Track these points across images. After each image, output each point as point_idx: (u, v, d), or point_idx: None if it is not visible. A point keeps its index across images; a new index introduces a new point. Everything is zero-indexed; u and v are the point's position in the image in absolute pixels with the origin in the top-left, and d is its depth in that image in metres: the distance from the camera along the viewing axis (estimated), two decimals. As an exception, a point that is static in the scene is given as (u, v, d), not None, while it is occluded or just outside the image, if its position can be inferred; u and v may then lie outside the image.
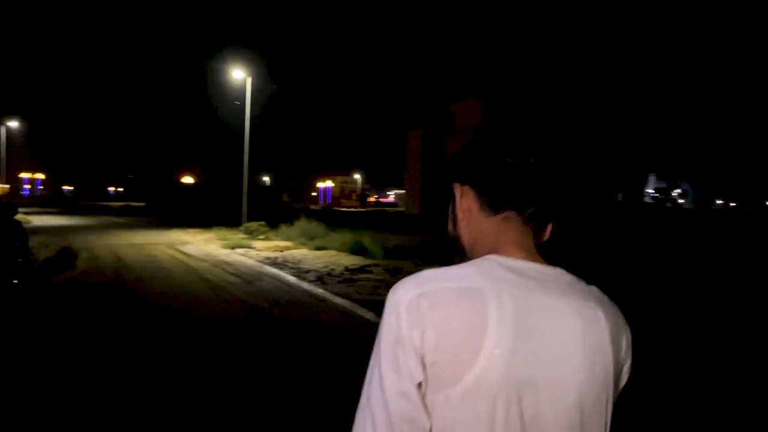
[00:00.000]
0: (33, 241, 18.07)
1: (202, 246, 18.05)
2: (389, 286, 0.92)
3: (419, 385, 0.83)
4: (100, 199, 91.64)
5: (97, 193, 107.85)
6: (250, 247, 17.24)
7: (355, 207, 79.08)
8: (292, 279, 11.31)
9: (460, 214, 1.01)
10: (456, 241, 1.03)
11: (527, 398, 0.83)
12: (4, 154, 38.37)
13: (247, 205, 23.22)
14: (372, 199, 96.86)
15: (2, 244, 7.59)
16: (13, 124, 38.93)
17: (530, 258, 0.94)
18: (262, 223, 21.43)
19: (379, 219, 37.81)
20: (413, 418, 0.82)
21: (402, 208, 64.62)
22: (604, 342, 0.89)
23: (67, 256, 14.68)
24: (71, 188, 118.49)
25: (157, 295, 9.23)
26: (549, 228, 1.01)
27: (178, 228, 25.21)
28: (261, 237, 20.17)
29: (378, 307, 8.56)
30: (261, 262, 14.05)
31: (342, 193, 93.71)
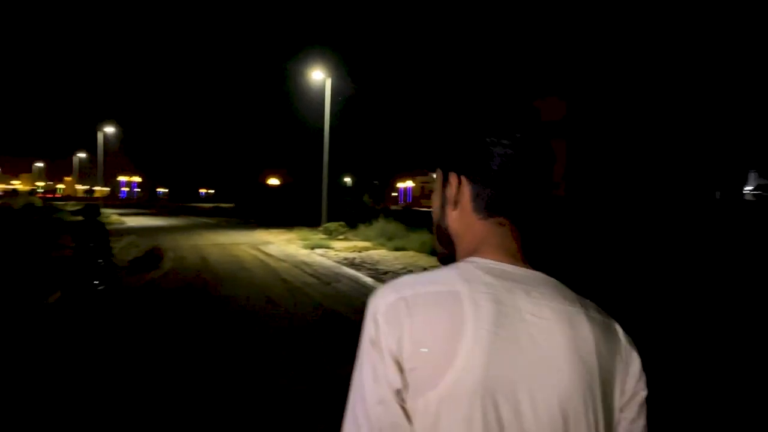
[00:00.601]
0: (124, 242, 18.99)
1: (283, 246, 18.21)
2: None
3: (399, 391, 0.81)
4: (192, 200, 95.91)
5: (189, 195, 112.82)
6: (329, 248, 17.21)
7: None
8: (368, 280, 11.07)
9: (451, 206, 0.96)
10: (443, 231, 0.99)
11: (506, 403, 0.80)
12: (101, 159, 40.70)
13: (328, 206, 23.31)
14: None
15: (83, 246, 7.73)
16: (110, 129, 41.20)
17: (514, 262, 0.90)
18: (342, 223, 21.43)
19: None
20: (394, 424, 0.80)
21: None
22: (589, 349, 0.85)
23: (154, 256, 15.13)
24: (165, 190, 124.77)
25: (235, 296, 9.20)
26: (538, 230, 0.96)
27: (262, 228, 25.72)
28: (340, 237, 20.15)
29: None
30: (339, 262, 13.92)
31: (422, 193, 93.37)
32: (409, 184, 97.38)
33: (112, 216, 35.15)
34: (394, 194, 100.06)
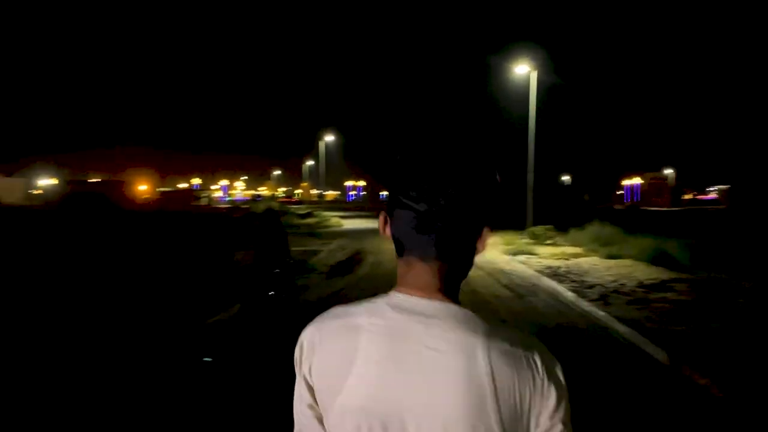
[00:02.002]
0: (333, 245, 19.75)
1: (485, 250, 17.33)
2: (693, 309, 0.67)
3: (311, 405, 0.99)
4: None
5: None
6: (532, 254, 15.91)
7: (665, 206, 70.67)
8: (570, 296, 9.68)
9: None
10: None
11: (393, 424, 0.90)
12: (323, 165, 43.67)
13: (535, 207, 21.81)
14: (688, 196, 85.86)
15: (259, 255, 7.66)
16: (330, 138, 44.03)
17: (425, 295, 0.96)
18: (549, 226, 19.79)
19: (695, 220, 32.56)
20: (306, 427, 1.01)
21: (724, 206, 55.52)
22: (482, 378, 0.90)
23: (355, 260, 15.28)
24: (386, 193, 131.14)
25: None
26: (458, 262, 1.01)
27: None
28: (547, 242, 18.61)
29: (674, 342, 6.58)
30: (540, 272, 12.60)
31: (651, 191, 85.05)
32: (637, 181, 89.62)
33: (333, 218, 37.34)
34: (619, 192, 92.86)
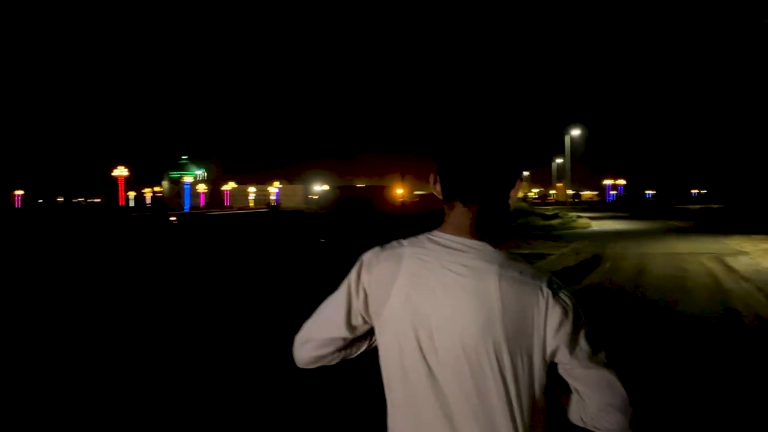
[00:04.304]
0: (568, 248, 17.92)
1: (759, 258, 14.01)
2: None
3: (349, 314, 1.27)
4: (682, 202, 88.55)
5: (679, 196, 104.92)
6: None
7: None
8: None
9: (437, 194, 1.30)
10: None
11: (422, 329, 1.17)
12: (569, 163, 40.88)
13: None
14: None
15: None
16: (576, 132, 40.96)
17: (458, 233, 1.21)
18: None
19: None
20: (330, 318, 1.29)
21: None
22: (491, 297, 1.13)
23: (588, 265, 13.48)
24: (653, 192, 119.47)
25: (638, 333, 6.82)
26: (493, 209, 1.23)
27: (743, 234, 20.84)
28: None
29: None
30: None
31: None
32: None
33: (581, 220, 34.76)
34: None
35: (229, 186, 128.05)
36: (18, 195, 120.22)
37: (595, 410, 1.17)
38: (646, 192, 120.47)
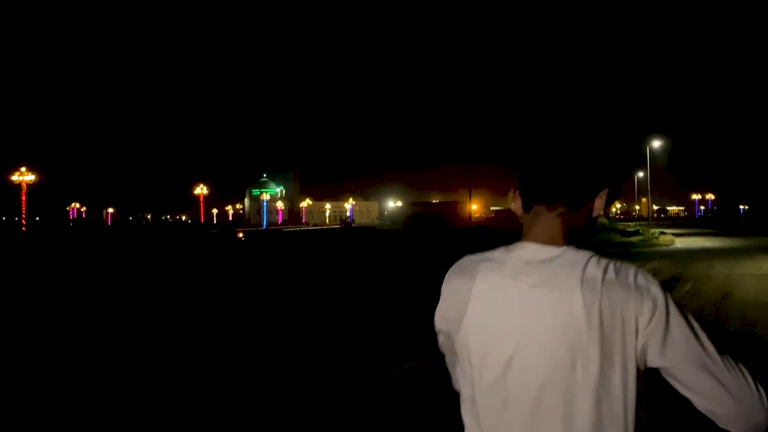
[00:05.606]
0: (645, 268, 16.61)
1: None
2: None
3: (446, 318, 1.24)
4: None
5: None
6: None
7: None
8: None
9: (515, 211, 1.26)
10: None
11: (496, 349, 1.11)
12: (649, 176, 38.74)
13: None
14: None
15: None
16: (657, 143, 38.76)
17: (544, 241, 1.14)
18: None
19: None
20: (446, 339, 1.25)
21: None
22: (576, 312, 1.04)
23: (667, 287, 12.34)
24: (746, 207, 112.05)
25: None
26: (585, 208, 1.18)
27: None
28: None
29: None
30: None
31: None
32: None
33: (663, 236, 32.78)
34: None
35: (306, 203, 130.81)
36: (109, 213, 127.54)
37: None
38: (740, 207, 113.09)
